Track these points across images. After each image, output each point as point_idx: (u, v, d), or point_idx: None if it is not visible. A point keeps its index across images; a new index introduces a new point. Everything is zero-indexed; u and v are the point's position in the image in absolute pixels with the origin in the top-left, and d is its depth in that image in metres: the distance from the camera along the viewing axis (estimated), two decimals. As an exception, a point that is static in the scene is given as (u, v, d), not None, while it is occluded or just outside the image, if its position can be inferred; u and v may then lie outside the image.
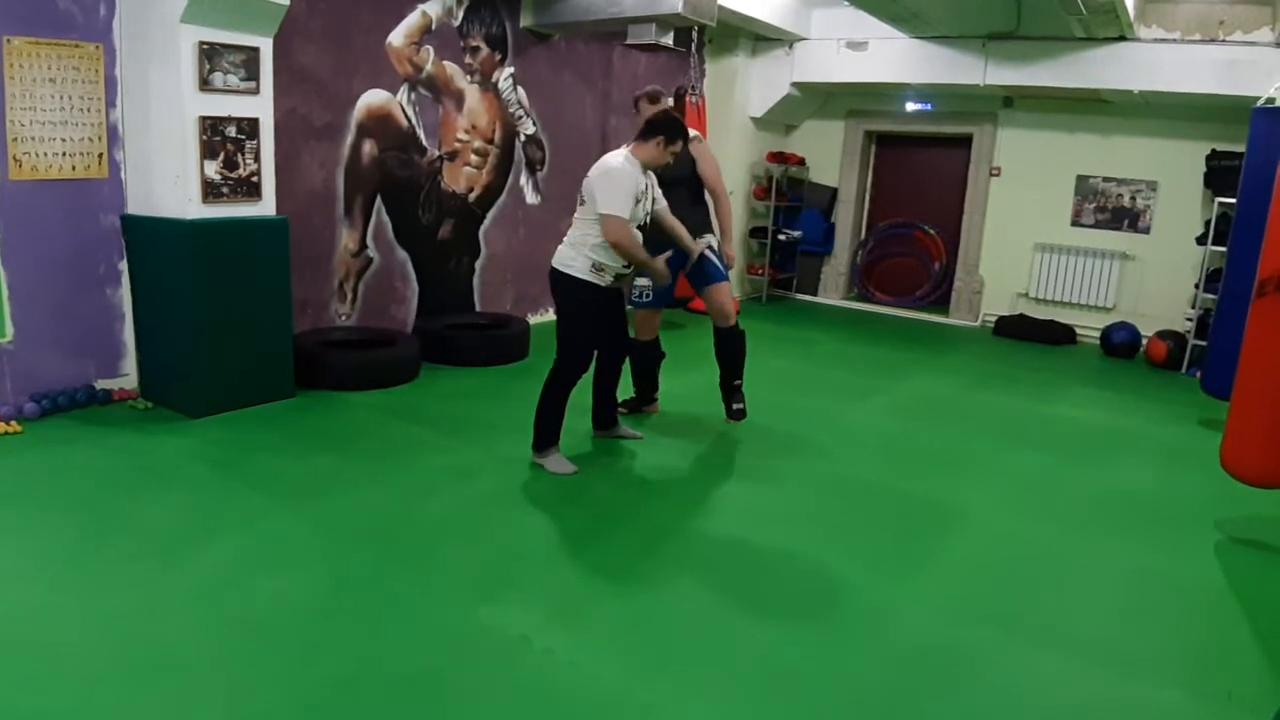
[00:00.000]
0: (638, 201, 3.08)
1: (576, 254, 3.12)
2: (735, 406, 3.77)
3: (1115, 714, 2.00)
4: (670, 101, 3.75)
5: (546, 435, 3.27)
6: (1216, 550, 2.94)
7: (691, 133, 3.52)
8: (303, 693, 1.88)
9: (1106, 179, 6.64)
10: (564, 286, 3.15)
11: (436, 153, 5.12)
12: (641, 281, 3.70)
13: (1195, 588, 2.68)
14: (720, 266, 3.67)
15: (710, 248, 3.61)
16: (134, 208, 3.70)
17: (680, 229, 3.37)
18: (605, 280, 3.13)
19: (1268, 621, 2.46)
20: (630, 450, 3.58)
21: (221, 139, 3.55)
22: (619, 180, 3.02)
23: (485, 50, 5.29)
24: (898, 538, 2.89)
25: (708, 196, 3.76)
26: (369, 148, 4.72)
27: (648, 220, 3.21)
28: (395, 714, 1.83)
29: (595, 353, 3.31)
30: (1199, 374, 4.86)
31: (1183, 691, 2.09)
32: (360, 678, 1.94)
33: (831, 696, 1.99)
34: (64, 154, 3.49)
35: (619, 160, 3.09)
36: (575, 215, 3.17)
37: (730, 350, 3.73)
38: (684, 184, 3.61)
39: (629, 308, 3.63)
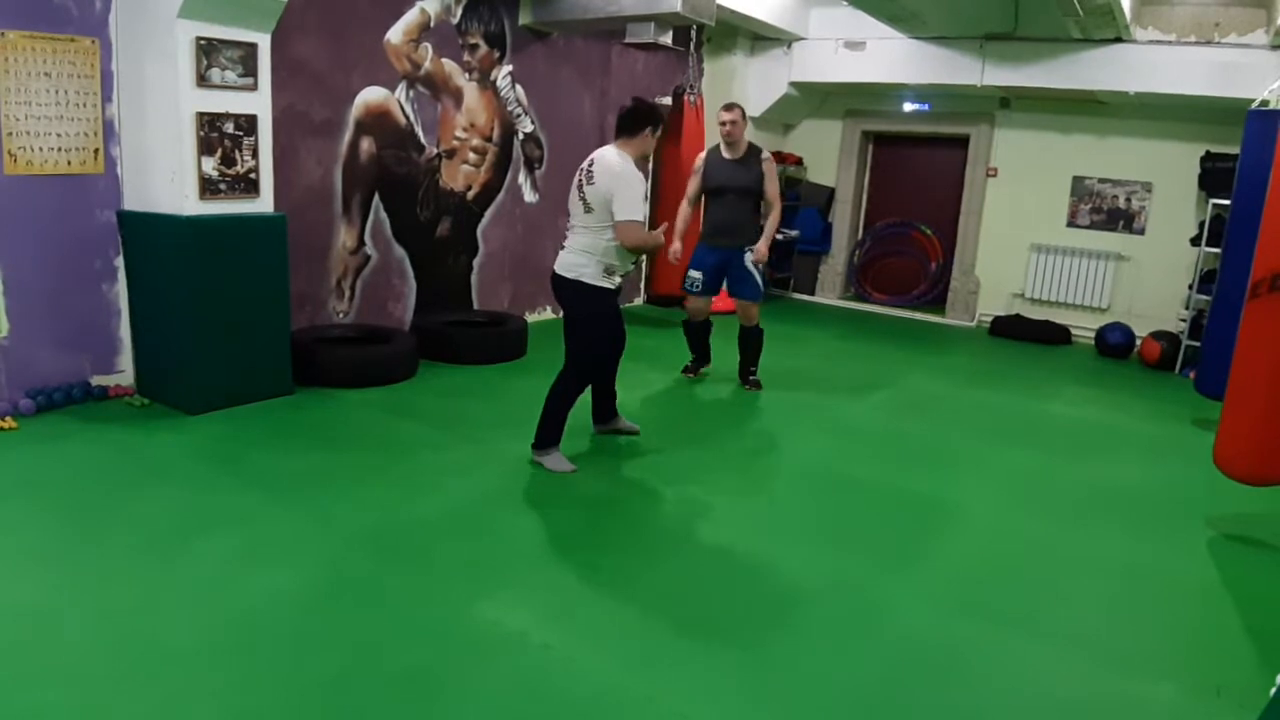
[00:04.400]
0: (646, 199, 3.12)
1: (588, 260, 3.09)
2: (751, 378, 4.54)
3: (1108, 708, 2.02)
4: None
5: (549, 435, 3.26)
6: (1208, 546, 2.97)
7: (765, 152, 4.32)
8: (299, 688, 1.89)
9: (1102, 180, 6.67)
10: (578, 295, 3.11)
11: (435, 150, 5.11)
12: (693, 274, 4.39)
13: (1187, 583, 2.70)
14: (759, 287, 4.39)
15: (758, 265, 4.31)
16: (130, 204, 3.69)
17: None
18: (614, 282, 3.16)
19: (1258, 616, 2.48)
20: (628, 446, 3.59)
21: (219, 135, 3.55)
22: (632, 184, 3.01)
23: (484, 48, 5.29)
24: (894, 533, 2.91)
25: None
26: (367, 145, 4.71)
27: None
28: (392, 710, 1.84)
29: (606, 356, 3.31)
30: (1192, 375, 4.89)
31: (1174, 685, 2.11)
32: (357, 674, 1.94)
33: (828, 691, 2.00)
34: (59, 149, 3.48)
35: (625, 164, 3.05)
36: (579, 224, 3.12)
37: (749, 343, 4.52)
38: (750, 196, 4.30)
39: (690, 296, 4.42)
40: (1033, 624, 2.36)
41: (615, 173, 3.02)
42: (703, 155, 4.44)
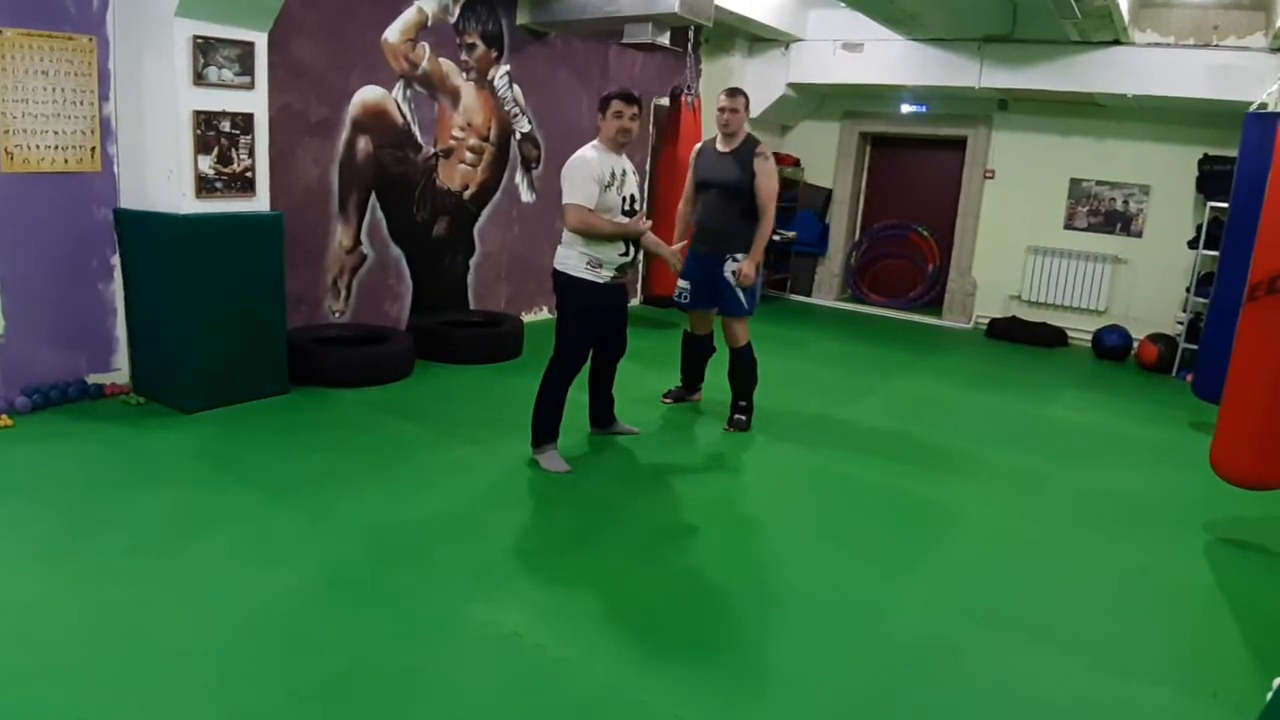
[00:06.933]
0: (608, 186, 3.07)
1: (571, 252, 3.16)
2: (735, 416, 3.94)
3: (1105, 711, 2.02)
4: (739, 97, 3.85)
5: (543, 431, 3.28)
6: (1205, 551, 2.97)
7: (763, 146, 3.73)
8: (295, 687, 1.88)
9: (1099, 182, 6.68)
10: (563, 285, 3.19)
11: (432, 150, 5.11)
12: (681, 283, 3.88)
13: (1184, 587, 2.70)
14: (741, 301, 3.79)
15: (735, 275, 3.74)
16: (127, 202, 3.68)
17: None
18: (603, 276, 3.15)
19: (1254, 621, 2.49)
20: (627, 448, 3.58)
21: (216, 134, 3.54)
22: (576, 168, 3.07)
23: (481, 47, 5.28)
24: (891, 536, 2.90)
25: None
26: (364, 144, 4.70)
27: (632, 203, 3.19)
28: (386, 709, 1.83)
29: (591, 350, 3.32)
30: (1189, 377, 4.90)
31: (1171, 689, 2.11)
32: (352, 673, 1.94)
33: (824, 693, 2.00)
34: (56, 147, 3.47)
35: (583, 151, 3.14)
36: None
37: (733, 370, 3.93)
38: (738, 197, 3.71)
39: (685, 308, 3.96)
40: (1030, 627, 2.36)
41: (568, 162, 3.11)
42: (698, 146, 3.98)
